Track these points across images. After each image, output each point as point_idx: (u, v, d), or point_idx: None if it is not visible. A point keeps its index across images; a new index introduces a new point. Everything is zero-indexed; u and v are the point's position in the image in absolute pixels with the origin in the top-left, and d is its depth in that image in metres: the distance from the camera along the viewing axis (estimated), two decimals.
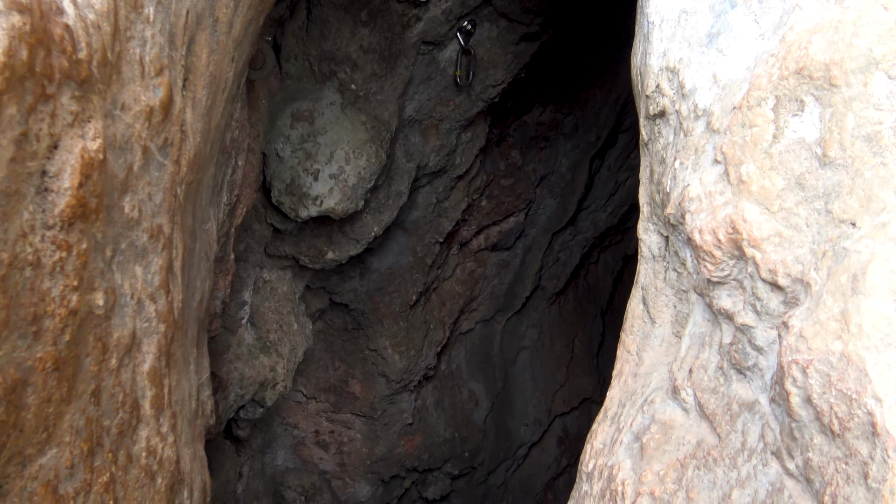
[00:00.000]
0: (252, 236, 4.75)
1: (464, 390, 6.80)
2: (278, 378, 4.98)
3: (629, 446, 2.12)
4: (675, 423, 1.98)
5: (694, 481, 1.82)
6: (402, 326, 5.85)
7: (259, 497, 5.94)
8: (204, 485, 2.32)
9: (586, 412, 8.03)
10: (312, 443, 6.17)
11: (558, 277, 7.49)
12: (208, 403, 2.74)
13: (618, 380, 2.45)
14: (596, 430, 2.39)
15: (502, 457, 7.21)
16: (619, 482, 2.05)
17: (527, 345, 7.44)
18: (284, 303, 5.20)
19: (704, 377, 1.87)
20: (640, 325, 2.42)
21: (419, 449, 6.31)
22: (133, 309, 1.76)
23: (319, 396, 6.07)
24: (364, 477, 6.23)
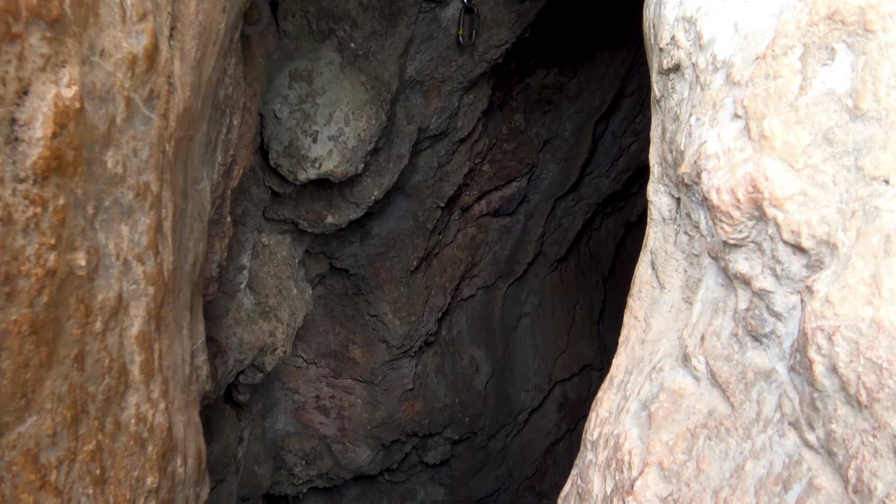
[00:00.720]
0: (250, 199, 4.64)
1: (464, 356, 6.75)
2: (278, 343, 4.91)
3: (636, 415, 2.04)
4: (685, 392, 1.89)
5: (705, 452, 1.74)
6: (402, 292, 5.77)
7: (260, 461, 5.92)
8: (199, 452, 2.25)
9: (586, 379, 8.00)
10: (313, 408, 6.13)
11: (560, 244, 7.39)
12: (203, 369, 2.66)
13: (624, 347, 2.36)
14: (601, 398, 2.31)
15: (502, 422, 7.18)
16: (626, 451, 1.97)
17: (528, 311, 7.37)
18: (283, 267, 5.11)
19: (717, 344, 1.78)
20: (648, 290, 2.32)
21: (419, 414, 6.28)
22: (119, 270, 1.67)
23: (320, 362, 6.01)
24: (364, 441, 6.20)
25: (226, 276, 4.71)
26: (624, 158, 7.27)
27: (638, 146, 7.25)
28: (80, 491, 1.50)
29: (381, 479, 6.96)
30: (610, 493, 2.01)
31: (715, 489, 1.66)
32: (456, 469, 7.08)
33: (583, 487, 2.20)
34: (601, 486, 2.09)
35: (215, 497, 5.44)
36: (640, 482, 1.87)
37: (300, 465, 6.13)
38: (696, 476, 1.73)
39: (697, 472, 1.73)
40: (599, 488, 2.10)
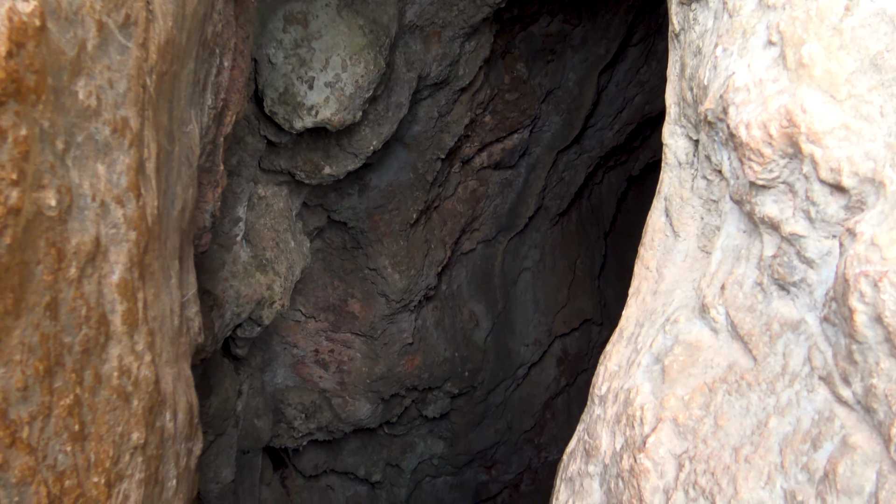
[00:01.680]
0: (245, 149, 4.48)
1: (464, 310, 6.66)
2: (275, 296, 4.80)
3: (648, 369, 1.93)
4: (702, 345, 1.77)
5: (724, 407, 1.63)
6: (402, 245, 5.65)
7: (259, 414, 5.87)
8: (190, 406, 2.14)
9: (586, 333, 7.93)
10: (312, 362, 6.06)
11: (562, 198, 7.24)
12: (195, 321, 2.54)
13: (635, 298, 2.24)
14: (610, 352, 2.20)
15: (502, 376, 7.13)
16: (638, 407, 1.86)
17: (528, 266, 7.26)
18: (281, 220, 4.97)
19: (739, 294, 1.66)
20: (661, 239, 2.19)
21: (419, 368, 6.21)
22: (96, 212, 1.53)
23: (318, 316, 5.92)
24: (364, 395, 6.15)
25: (221, 228, 4.57)
26: (628, 110, 7.07)
27: (642, 98, 7.04)
28: (56, 448, 1.38)
29: (381, 432, 6.93)
30: (619, 450, 1.91)
31: (735, 446, 1.55)
32: (455, 422, 7.05)
33: (590, 443, 2.10)
34: (610, 441, 1.99)
35: (215, 449, 5.40)
36: (653, 438, 1.76)
37: (300, 418, 6.08)
38: (714, 433, 1.62)
39: (715, 429, 1.62)
40: (608, 444, 2.00)
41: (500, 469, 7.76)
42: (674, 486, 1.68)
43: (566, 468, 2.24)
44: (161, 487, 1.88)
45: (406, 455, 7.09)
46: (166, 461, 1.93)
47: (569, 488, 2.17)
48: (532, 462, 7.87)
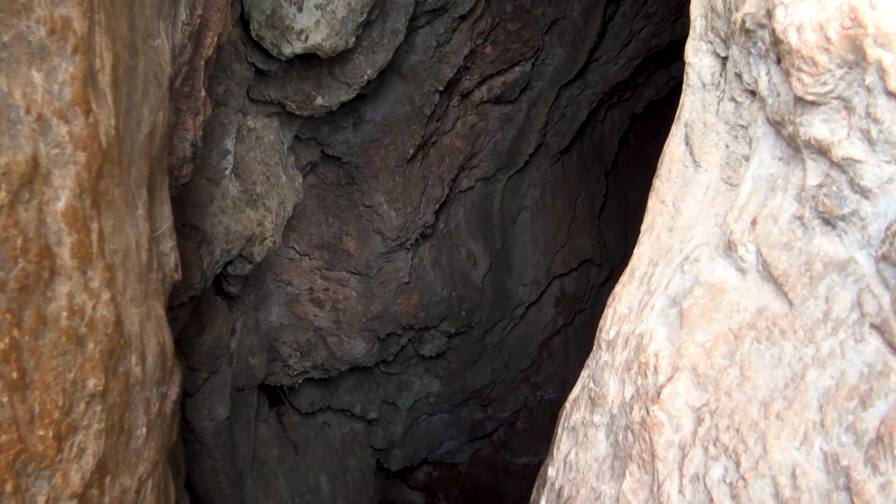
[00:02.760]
0: (231, 77, 4.19)
1: (462, 249, 6.45)
2: (266, 233, 4.58)
3: (663, 312, 1.72)
4: (726, 286, 1.56)
5: (752, 357, 1.43)
6: (398, 182, 5.40)
7: (254, 352, 5.73)
8: (162, 348, 1.94)
9: (585, 274, 7.75)
10: (307, 300, 5.88)
11: (563, 135, 6.95)
12: (171, 257, 2.33)
13: (648, 235, 2.03)
14: (620, 293, 1.99)
15: (499, 316, 6.98)
16: (651, 354, 1.66)
17: (528, 204, 7.02)
18: (271, 153, 4.71)
19: (773, 230, 1.44)
20: (679, 170, 1.96)
21: (416, 307, 6.04)
22: (32, 128, 1.29)
23: (313, 253, 5.71)
24: (360, 334, 6.00)
25: (208, 161, 4.33)
26: (634, 44, 6.72)
27: (649, 31, 6.69)
28: None
29: (377, 370, 6.82)
30: (629, 400, 1.72)
31: (764, 401, 1.36)
32: (452, 361, 6.93)
33: (596, 391, 1.92)
34: (618, 390, 1.81)
35: (209, 387, 5.27)
36: (669, 389, 1.57)
37: (295, 356, 5.94)
38: (740, 385, 1.42)
39: (741, 381, 1.42)
40: (616, 393, 1.81)
41: (495, 407, 7.69)
42: (691, 442, 1.49)
43: (569, 416, 2.06)
44: (128, 437, 1.70)
45: (402, 393, 7.00)
46: (133, 408, 1.74)
47: (571, 438, 2.00)
48: (528, 401, 7.80)
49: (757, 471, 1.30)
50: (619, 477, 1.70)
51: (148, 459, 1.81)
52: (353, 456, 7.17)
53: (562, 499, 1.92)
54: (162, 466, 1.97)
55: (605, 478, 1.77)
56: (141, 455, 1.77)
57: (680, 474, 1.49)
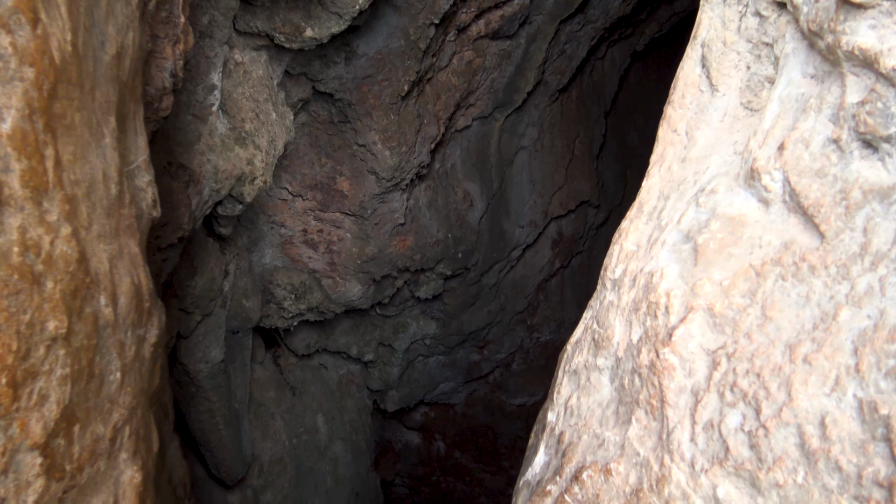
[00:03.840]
0: (216, 7, 3.94)
1: (458, 190, 6.28)
2: (256, 172, 4.40)
3: (675, 248, 1.58)
4: (747, 219, 1.41)
5: (775, 295, 1.29)
6: (392, 120, 5.19)
7: (248, 295, 5.61)
8: (137, 288, 1.80)
9: (582, 216, 7.60)
10: (301, 242, 5.74)
11: (563, 72, 6.69)
12: (148, 192, 2.16)
13: (658, 166, 1.86)
14: (627, 229, 1.84)
15: (496, 258, 6.85)
16: (662, 293, 1.53)
17: (525, 144, 6.82)
18: (260, 89, 4.49)
19: (804, 155, 1.28)
20: (694, 95, 1.79)
21: (411, 249, 5.90)
22: None
23: (306, 194, 5.54)
24: (355, 276, 5.87)
25: (195, 98, 4.11)
26: None
27: None
28: None
29: (373, 312, 6.73)
30: (637, 342, 1.59)
31: (789, 343, 1.23)
32: (448, 304, 6.84)
33: (600, 333, 1.79)
34: (624, 332, 1.68)
35: (203, 330, 5.17)
36: (682, 331, 1.44)
37: (289, 298, 5.83)
38: (762, 326, 1.29)
39: (763, 321, 1.29)
40: (622, 335, 1.68)
41: (492, 349, 7.64)
42: (705, 388, 1.37)
43: (570, 359, 1.94)
44: (99, 382, 1.57)
45: (398, 335, 6.92)
46: (105, 352, 1.60)
47: (573, 382, 1.88)
48: (524, 342, 7.75)
49: (780, 419, 1.18)
50: (625, 423, 1.58)
51: (124, 405, 1.69)
52: (350, 397, 7.15)
53: (562, 445, 1.81)
54: (141, 412, 1.85)
55: (608, 424, 1.65)
56: (115, 401, 1.65)
57: (692, 421, 1.37)
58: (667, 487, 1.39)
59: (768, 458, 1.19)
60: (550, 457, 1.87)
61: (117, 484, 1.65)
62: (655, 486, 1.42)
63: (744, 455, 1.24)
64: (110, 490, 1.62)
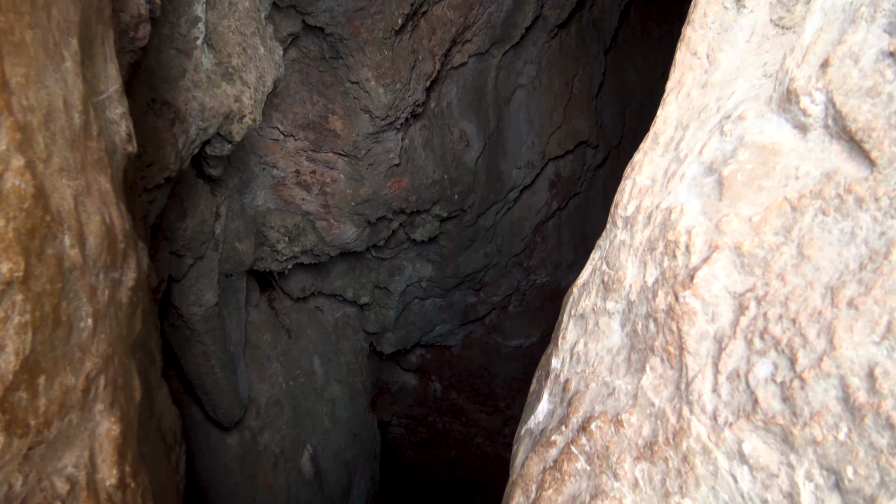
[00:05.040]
0: None
1: (455, 130, 6.06)
2: (245, 109, 4.19)
3: (697, 182, 1.42)
4: (781, 147, 1.25)
5: (814, 232, 1.14)
6: (386, 55, 4.94)
7: (241, 237, 5.46)
8: (108, 228, 1.64)
9: (581, 156, 7.40)
10: (293, 183, 5.55)
11: (562, 7, 6.39)
12: (121, 125, 1.98)
13: (675, 93, 1.69)
14: (640, 162, 1.68)
15: (493, 200, 6.68)
16: (682, 231, 1.37)
17: (523, 82, 6.56)
18: (247, 21, 4.24)
19: (852, 72, 1.11)
20: (716, 13, 1.60)
21: (406, 190, 5.73)
22: None
23: (298, 134, 5.32)
24: (349, 218, 5.71)
25: (178, 30, 3.87)
26: None
27: None
28: None
29: (368, 255, 6.59)
30: (652, 284, 1.45)
31: (830, 285, 1.09)
32: (444, 246, 6.70)
33: (609, 275, 1.64)
34: (638, 274, 1.53)
35: (196, 273, 5.04)
36: (705, 272, 1.29)
37: (283, 241, 5.68)
38: (797, 266, 1.14)
39: (799, 261, 1.14)
40: (635, 276, 1.54)
41: (488, 291, 7.55)
42: (730, 334, 1.23)
43: (576, 303, 1.80)
44: (67, 329, 1.43)
45: (394, 278, 6.80)
46: (73, 297, 1.45)
47: (579, 326, 1.75)
48: (520, 285, 7.65)
49: (819, 369, 1.05)
50: (638, 371, 1.45)
51: (98, 354, 1.55)
52: (346, 339, 7.08)
53: (568, 392, 1.69)
54: (119, 360, 1.72)
55: (619, 372, 1.53)
56: (87, 349, 1.51)
57: (715, 371, 1.24)
58: (685, 441, 1.27)
59: (804, 412, 1.06)
60: (555, 405, 1.75)
61: (93, 437, 1.53)
62: (672, 440, 1.29)
63: (775, 408, 1.11)
64: (85, 444, 1.50)
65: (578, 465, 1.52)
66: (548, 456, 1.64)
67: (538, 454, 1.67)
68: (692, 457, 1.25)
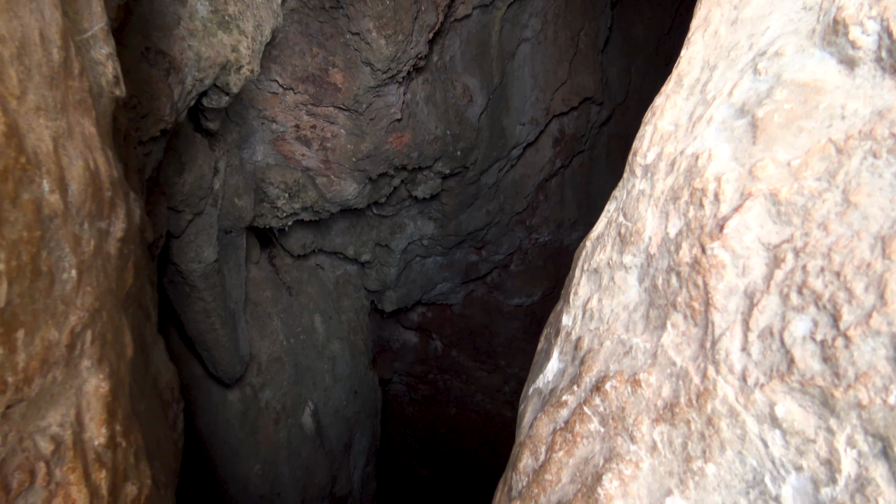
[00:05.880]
0: None
1: (458, 84, 5.88)
2: (242, 59, 4.03)
3: (727, 125, 1.30)
4: (824, 85, 1.13)
5: (863, 176, 1.03)
6: (388, 5, 4.75)
7: (240, 193, 5.34)
8: (93, 174, 1.52)
9: (585, 113, 7.22)
10: (293, 138, 5.40)
11: None
12: (107, 67, 1.85)
13: (701, 32, 1.55)
14: (662, 106, 1.56)
15: (496, 157, 6.54)
16: (711, 178, 1.26)
17: (528, 36, 6.36)
18: None
19: None
20: None
21: (408, 146, 5.58)
22: None
23: (297, 87, 5.16)
24: (350, 174, 5.58)
25: None
26: None
27: None
28: None
29: (369, 212, 6.47)
30: (675, 236, 1.34)
31: (881, 234, 0.98)
32: (446, 203, 6.58)
33: (627, 227, 1.53)
34: (659, 225, 1.42)
35: (194, 229, 4.93)
36: (736, 221, 1.18)
37: (283, 197, 5.56)
38: (843, 214, 1.04)
39: (845, 209, 1.03)
40: (656, 228, 1.43)
41: (490, 250, 7.45)
42: (763, 289, 1.12)
43: (590, 257, 1.69)
44: (49, 281, 1.32)
45: (395, 235, 6.70)
46: (55, 247, 1.35)
47: (593, 282, 1.64)
48: (522, 243, 7.55)
49: (867, 327, 0.94)
50: (658, 329, 1.35)
51: (83, 307, 1.45)
52: (347, 297, 7.00)
53: (580, 351, 1.59)
54: (109, 315, 1.62)
55: (636, 329, 1.43)
56: (71, 303, 1.40)
57: (745, 328, 1.14)
58: (710, 403, 1.17)
59: (848, 373, 0.96)
60: (566, 364, 1.66)
61: (80, 394, 1.44)
62: (696, 401, 1.20)
63: (814, 369, 1.01)
64: (71, 402, 1.41)
65: (591, 427, 1.44)
66: (558, 417, 1.55)
67: (548, 415, 1.59)
68: (717, 420, 1.16)
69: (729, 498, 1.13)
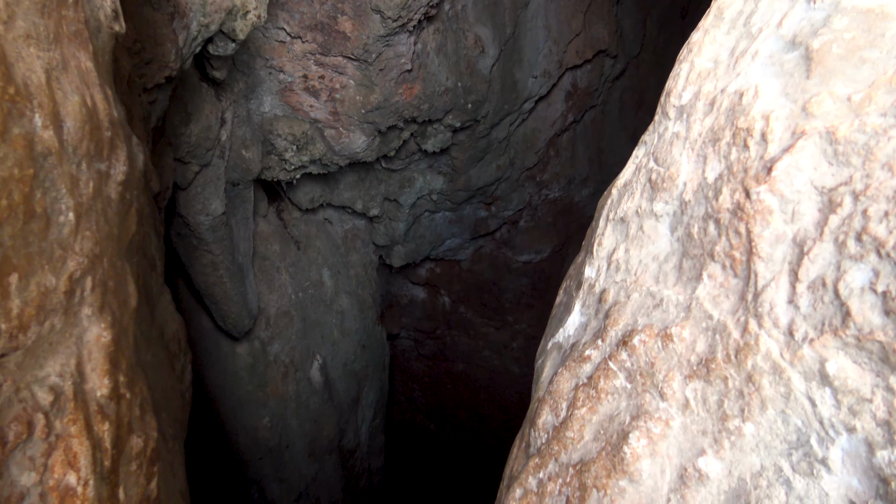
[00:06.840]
0: None
1: (469, 35, 5.70)
2: (249, 5, 3.87)
3: (775, 59, 1.18)
4: (891, 10, 1.01)
5: None
6: None
7: (247, 145, 5.22)
8: (91, 112, 1.42)
9: (599, 66, 7.02)
10: (301, 89, 5.26)
11: None
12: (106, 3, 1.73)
13: None
14: (700, 42, 1.43)
15: (507, 110, 6.37)
16: (758, 116, 1.15)
17: None
18: None
19: None
20: None
21: (418, 98, 5.43)
22: None
23: (305, 36, 4.99)
24: (359, 127, 5.44)
25: None
26: None
27: None
28: None
29: (378, 166, 6.35)
30: (714, 181, 1.23)
31: None
32: (456, 158, 6.44)
33: (659, 172, 1.43)
34: (695, 169, 1.32)
35: (202, 181, 4.83)
36: (786, 162, 1.08)
37: (291, 149, 5.44)
38: None
39: None
40: (691, 173, 1.33)
41: (499, 205, 7.34)
42: (816, 236, 1.03)
43: (615, 205, 1.59)
44: (44, 223, 1.23)
45: (404, 190, 6.59)
46: (50, 187, 1.25)
47: (619, 231, 1.55)
48: (532, 199, 7.43)
49: None
50: (692, 280, 1.26)
51: (82, 253, 1.36)
52: (356, 252, 6.93)
53: (605, 304, 1.51)
54: (110, 262, 1.53)
55: (667, 281, 1.34)
56: (69, 247, 1.32)
57: (793, 279, 1.05)
58: (751, 358, 1.09)
59: None
60: (589, 318, 1.57)
61: (80, 344, 1.36)
62: (734, 357, 1.11)
63: (873, 322, 0.92)
64: (71, 351, 1.33)
65: (617, 383, 1.36)
66: (581, 372, 1.47)
67: (569, 370, 1.51)
68: (759, 376, 1.07)
69: (768, 459, 1.05)
